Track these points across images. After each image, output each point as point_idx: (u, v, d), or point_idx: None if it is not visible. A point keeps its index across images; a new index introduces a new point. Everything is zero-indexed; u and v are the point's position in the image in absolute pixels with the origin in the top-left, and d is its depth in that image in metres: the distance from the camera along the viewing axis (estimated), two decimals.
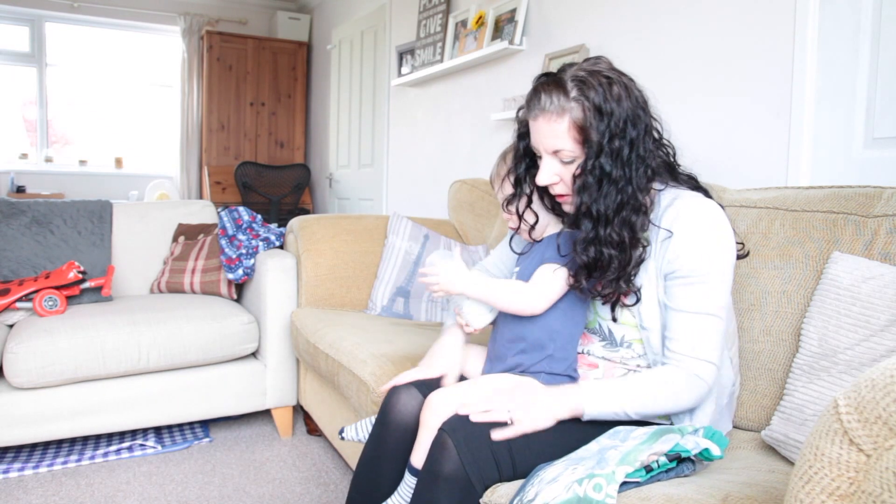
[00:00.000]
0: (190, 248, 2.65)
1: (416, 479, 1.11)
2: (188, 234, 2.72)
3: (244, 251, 2.43)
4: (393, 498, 1.16)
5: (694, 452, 1.00)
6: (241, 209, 2.62)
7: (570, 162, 1.13)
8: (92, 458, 2.14)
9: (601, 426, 1.08)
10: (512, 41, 2.75)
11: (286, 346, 2.33)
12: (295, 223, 2.41)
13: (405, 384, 1.25)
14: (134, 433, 2.35)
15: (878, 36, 1.56)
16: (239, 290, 2.57)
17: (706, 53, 1.97)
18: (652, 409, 1.09)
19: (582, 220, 1.13)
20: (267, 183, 4.95)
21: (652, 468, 0.98)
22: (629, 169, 1.10)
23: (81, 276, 2.27)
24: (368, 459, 1.24)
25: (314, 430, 2.41)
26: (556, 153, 1.13)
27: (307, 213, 5.23)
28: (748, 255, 1.32)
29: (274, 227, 2.61)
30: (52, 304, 2.18)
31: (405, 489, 1.14)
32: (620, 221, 1.11)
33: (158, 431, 2.38)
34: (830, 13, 1.65)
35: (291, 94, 5.51)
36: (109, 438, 2.30)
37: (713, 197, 1.20)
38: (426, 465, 1.06)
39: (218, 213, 2.70)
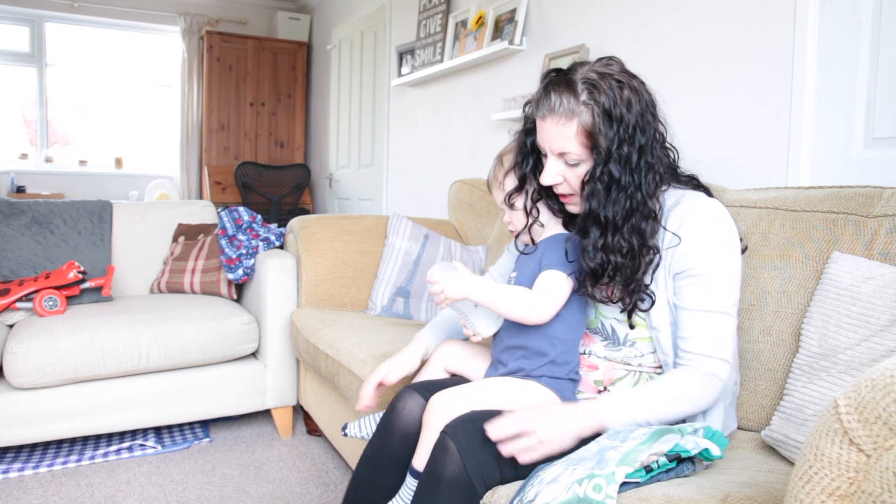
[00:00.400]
0: (190, 248, 2.65)
1: (417, 481, 1.11)
2: (188, 234, 2.72)
3: (244, 251, 2.43)
4: (394, 501, 1.15)
5: (694, 453, 0.99)
6: (241, 209, 2.62)
7: (575, 164, 1.12)
8: (92, 458, 2.14)
9: None
10: (512, 41, 2.75)
11: (286, 346, 2.33)
12: (295, 223, 2.41)
13: (409, 389, 1.25)
14: (134, 433, 2.35)
15: (878, 36, 1.56)
16: (239, 290, 2.57)
17: (706, 53, 1.97)
18: (673, 414, 1.07)
19: (590, 226, 1.12)
20: (267, 183, 4.95)
21: (652, 468, 0.98)
22: (638, 175, 1.09)
23: (81, 276, 2.27)
24: (369, 462, 1.24)
25: (314, 430, 2.41)
26: (562, 155, 1.13)
27: (307, 213, 5.23)
28: (746, 249, 1.32)
29: (274, 227, 2.61)
30: (52, 304, 2.18)
31: (406, 492, 1.14)
32: (630, 228, 1.10)
33: (158, 431, 2.38)
34: (830, 13, 1.65)
35: (291, 94, 5.51)
36: (109, 438, 2.30)
37: (714, 195, 1.20)
38: (428, 467, 1.06)
39: (218, 213, 2.70)
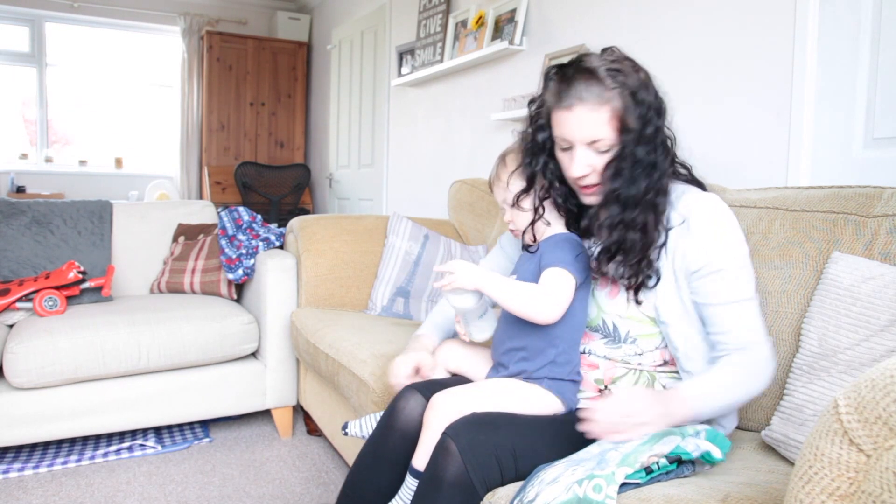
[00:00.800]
0: (190, 248, 2.65)
1: (417, 481, 1.10)
2: (188, 234, 2.72)
3: (244, 251, 2.43)
4: (394, 501, 1.15)
5: (695, 455, 0.99)
6: (241, 209, 2.62)
7: (605, 151, 1.13)
8: (92, 458, 2.14)
9: None
10: (512, 41, 2.75)
11: (286, 346, 2.33)
12: (295, 223, 2.41)
13: (411, 388, 1.25)
14: (134, 433, 2.35)
15: (878, 36, 1.56)
16: (239, 290, 2.57)
17: (706, 53, 1.97)
18: (744, 396, 1.10)
19: (610, 205, 1.14)
20: (267, 183, 4.94)
21: (652, 470, 0.98)
22: (656, 154, 1.13)
23: (81, 276, 2.27)
24: (367, 459, 1.23)
25: (314, 430, 2.41)
26: (592, 143, 1.13)
27: (307, 213, 5.23)
28: None
29: (274, 227, 2.61)
30: (52, 304, 2.18)
31: (406, 492, 1.13)
32: (646, 205, 1.12)
33: (158, 431, 2.38)
34: (830, 13, 1.65)
35: (291, 94, 5.51)
36: (109, 438, 2.30)
37: (707, 189, 1.22)
38: (429, 468, 1.05)
39: (218, 213, 2.70)
